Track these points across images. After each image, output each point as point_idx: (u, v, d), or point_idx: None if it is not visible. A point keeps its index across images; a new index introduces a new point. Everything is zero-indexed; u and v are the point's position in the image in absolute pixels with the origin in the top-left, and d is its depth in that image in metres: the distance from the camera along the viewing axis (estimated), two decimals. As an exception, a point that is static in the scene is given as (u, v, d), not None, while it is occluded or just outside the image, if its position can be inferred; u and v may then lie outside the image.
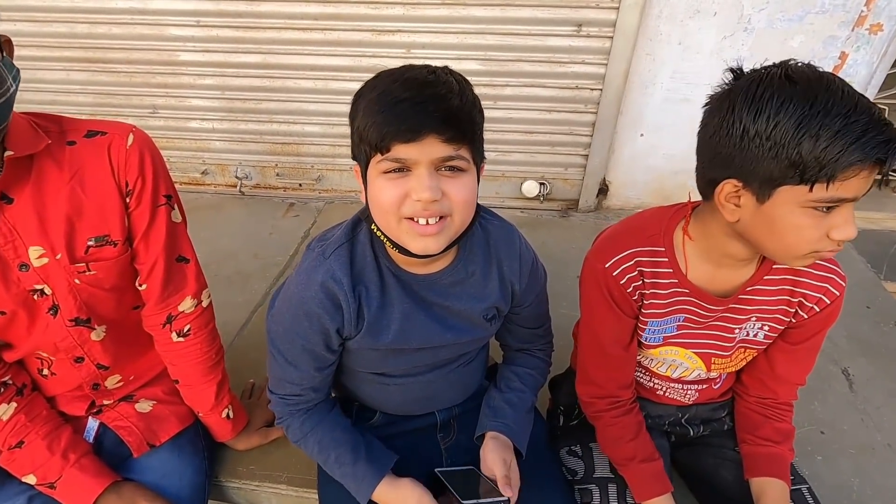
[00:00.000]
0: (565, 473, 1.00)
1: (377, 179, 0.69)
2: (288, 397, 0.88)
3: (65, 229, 0.81)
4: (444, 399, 0.99)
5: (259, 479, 1.12)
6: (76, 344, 0.91)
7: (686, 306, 0.86)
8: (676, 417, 1.03)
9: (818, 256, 0.70)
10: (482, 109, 0.72)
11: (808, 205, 0.64)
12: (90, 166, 0.82)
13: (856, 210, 1.61)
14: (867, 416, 1.30)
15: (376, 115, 0.66)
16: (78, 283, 0.86)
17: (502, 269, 0.86)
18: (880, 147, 0.59)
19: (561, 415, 1.11)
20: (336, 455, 0.86)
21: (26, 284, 0.83)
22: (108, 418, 0.99)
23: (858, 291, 1.73)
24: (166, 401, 1.04)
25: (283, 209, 2.20)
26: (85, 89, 2.11)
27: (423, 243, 0.70)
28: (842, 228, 0.65)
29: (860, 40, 1.68)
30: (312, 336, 0.80)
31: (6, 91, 0.69)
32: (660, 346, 0.91)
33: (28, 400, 0.91)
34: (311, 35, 1.89)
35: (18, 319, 0.85)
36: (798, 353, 0.91)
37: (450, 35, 1.82)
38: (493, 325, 0.91)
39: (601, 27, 1.75)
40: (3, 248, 0.79)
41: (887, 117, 0.62)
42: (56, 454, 0.89)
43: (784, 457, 0.93)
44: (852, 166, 0.60)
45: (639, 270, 0.84)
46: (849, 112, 0.60)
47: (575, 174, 2.10)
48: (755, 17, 1.67)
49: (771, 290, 0.84)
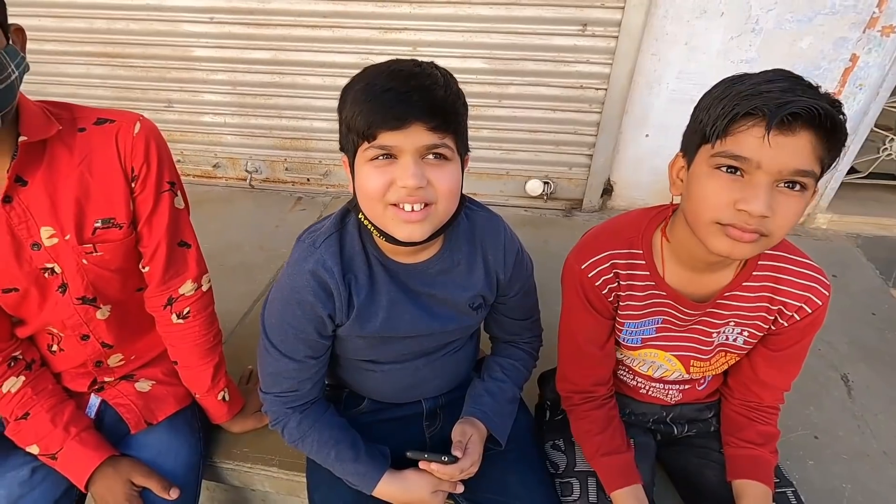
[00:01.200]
0: (549, 467, 1.01)
1: (364, 167, 0.71)
2: (283, 394, 0.88)
3: (74, 211, 0.85)
4: (431, 387, 1.01)
5: (252, 462, 1.16)
6: (82, 322, 0.95)
7: (664, 308, 0.87)
8: (661, 416, 1.03)
9: (723, 231, 0.68)
10: (466, 103, 0.74)
11: (713, 163, 0.68)
12: (98, 152, 0.86)
13: (866, 216, 1.59)
14: (864, 423, 1.28)
15: (363, 104, 0.67)
16: (85, 264, 0.89)
17: (487, 258, 0.88)
18: (764, 103, 0.63)
19: (547, 409, 1.12)
20: (336, 453, 0.88)
21: (38, 263, 0.86)
22: (108, 395, 1.03)
23: (865, 297, 1.70)
24: (165, 381, 1.08)
25: (291, 203, 2.24)
26: (104, 83, 2.19)
27: (407, 230, 0.71)
28: (747, 200, 0.65)
29: (872, 42, 1.65)
30: (305, 325, 0.82)
31: (6, 77, 0.71)
32: (639, 349, 0.92)
33: (36, 375, 0.96)
34: (320, 32, 1.93)
35: (31, 296, 0.90)
36: (781, 360, 0.90)
37: (455, 33, 1.84)
38: (479, 314, 0.93)
39: (606, 27, 1.75)
40: (17, 227, 0.83)
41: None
42: (58, 427, 0.93)
43: (766, 460, 0.92)
44: (738, 121, 0.65)
45: (614, 273, 0.85)
46: (756, 81, 0.66)
47: (579, 173, 2.11)
48: (763, 17, 1.65)
49: (750, 296, 0.84)
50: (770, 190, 0.65)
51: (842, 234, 2.03)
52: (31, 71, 0.78)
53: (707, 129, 0.68)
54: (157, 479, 0.96)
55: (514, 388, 0.99)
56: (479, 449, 0.88)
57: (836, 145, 0.65)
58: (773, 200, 0.65)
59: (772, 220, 0.66)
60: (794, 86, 0.64)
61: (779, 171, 0.65)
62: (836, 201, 2.03)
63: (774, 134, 0.63)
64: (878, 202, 2.10)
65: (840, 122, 0.64)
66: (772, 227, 0.67)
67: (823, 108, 0.61)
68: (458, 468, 0.84)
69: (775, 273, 0.83)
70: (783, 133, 0.63)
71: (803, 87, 0.64)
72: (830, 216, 2.03)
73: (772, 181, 0.65)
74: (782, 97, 0.62)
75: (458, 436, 0.88)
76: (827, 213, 2.03)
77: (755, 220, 0.66)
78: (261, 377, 0.91)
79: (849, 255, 1.93)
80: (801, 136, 0.63)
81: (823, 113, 0.61)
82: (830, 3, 1.60)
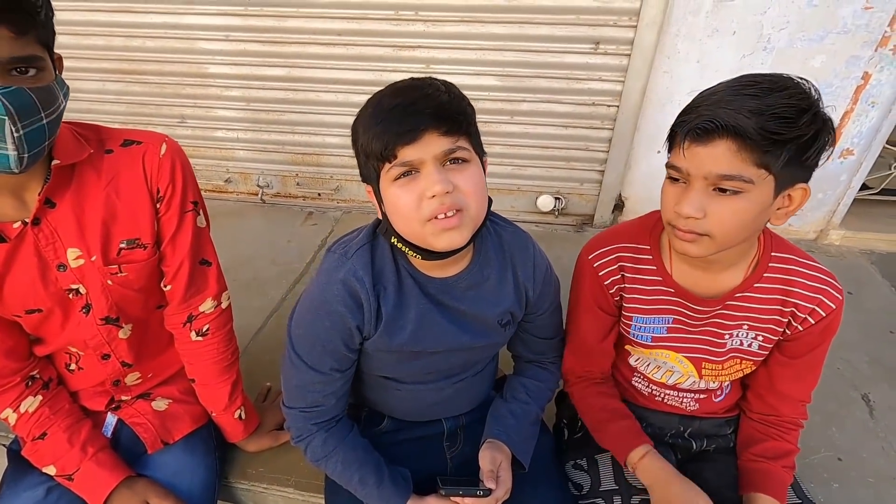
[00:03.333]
0: (571, 489, 0.99)
1: (390, 189, 0.72)
2: (308, 409, 0.86)
3: (100, 232, 0.86)
4: (453, 407, 1.00)
5: (267, 482, 1.14)
6: (105, 341, 0.95)
7: (673, 307, 0.88)
8: (678, 430, 1.02)
9: (672, 231, 0.77)
10: (472, 104, 0.75)
11: (667, 174, 0.77)
12: (125, 173, 0.87)
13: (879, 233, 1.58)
14: (888, 445, 1.26)
15: (374, 127, 0.69)
16: (110, 284, 0.89)
17: (517, 273, 0.88)
18: (688, 119, 0.71)
19: (565, 428, 1.11)
20: (360, 476, 0.86)
21: (63, 284, 0.87)
22: (125, 414, 1.02)
23: (882, 316, 1.68)
24: (181, 400, 1.07)
25: (302, 218, 2.25)
26: (119, 99, 2.21)
27: (447, 238, 0.71)
28: (680, 203, 0.73)
29: (884, 61, 1.66)
30: (333, 336, 0.81)
31: (57, 108, 0.73)
32: (651, 348, 0.92)
33: (53, 394, 0.96)
34: (335, 50, 1.95)
35: (54, 317, 0.89)
36: (798, 368, 0.90)
37: (469, 51, 1.86)
38: (507, 332, 0.92)
39: (619, 45, 1.77)
40: (44, 249, 0.83)
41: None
42: (75, 447, 0.92)
43: (777, 474, 0.90)
44: (676, 135, 0.74)
45: (619, 265, 0.90)
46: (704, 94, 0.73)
47: (590, 189, 2.11)
48: (775, 36, 1.67)
49: (762, 297, 0.85)
50: (701, 194, 0.72)
51: (855, 251, 2.02)
52: None
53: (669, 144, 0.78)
54: (174, 500, 0.94)
55: (537, 410, 0.98)
56: (510, 474, 0.87)
57: (769, 148, 0.67)
58: (706, 204, 0.72)
59: (706, 221, 0.72)
60: (734, 95, 0.69)
61: (704, 178, 0.71)
62: (848, 218, 2.02)
63: (689, 145, 0.71)
64: (892, 219, 2.09)
65: (756, 131, 0.66)
66: (707, 227, 0.73)
67: (732, 122, 0.67)
68: (494, 500, 0.82)
69: (786, 275, 0.84)
70: (699, 143, 0.70)
71: (743, 98, 0.68)
72: (843, 233, 2.03)
73: (704, 187, 0.72)
74: (708, 111, 0.69)
75: (489, 464, 0.86)
76: (840, 230, 2.02)
77: (687, 222, 0.73)
78: (284, 391, 0.89)
79: (863, 272, 1.91)
80: (718, 144, 0.69)
81: (734, 126, 0.67)
82: (842, 22, 1.62)
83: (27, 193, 0.81)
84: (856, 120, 1.78)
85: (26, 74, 0.67)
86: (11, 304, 0.85)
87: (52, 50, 0.73)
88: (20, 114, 0.66)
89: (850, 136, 1.81)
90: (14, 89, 0.65)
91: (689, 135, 0.70)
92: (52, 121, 0.72)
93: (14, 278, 0.83)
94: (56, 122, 0.73)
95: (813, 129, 0.68)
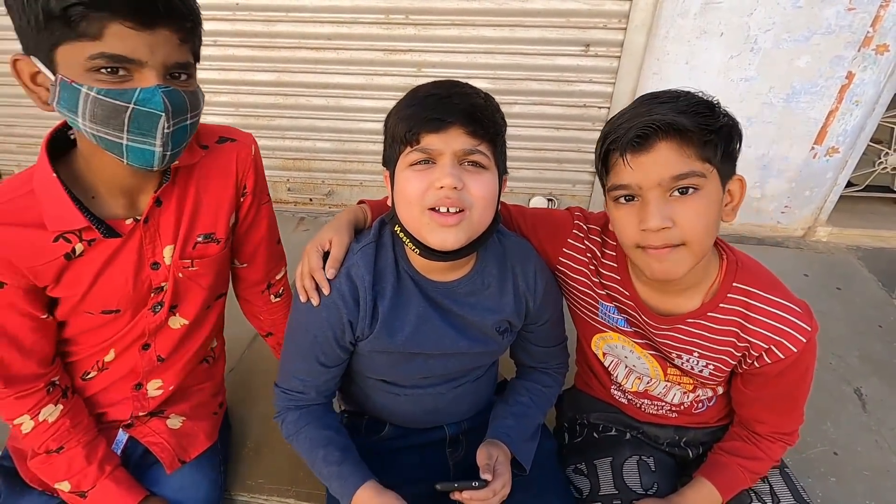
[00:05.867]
0: (573, 492, 0.99)
1: (404, 172, 0.73)
2: (291, 392, 0.89)
3: (187, 227, 0.87)
4: (453, 413, 1.00)
5: (267, 493, 1.13)
6: (155, 329, 0.93)
7: (628, 309, 0.88)
8: (674, 439, 1.02)
9: (645, 253, 0.74)
10: (505, 119, 0.76)
11: (612, 196, 0.76)
12: (216, 170, 0.89)
13: (864, 228, 1.60)
14: (881, 438, 1.29)
15: (406, 109, 0.72)
16: (181, 277, 0.90)
17: (517, 282, 0.88)
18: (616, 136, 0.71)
19: (565, 432, 1.11)
20: (325, 453, 0.85)
21: (155, 282, 0.88)
22: (139, 433, 0.99)
23: (870, 310, 1.72)
24: (192, 416, 1.05)
25: (294, 223, 2.23)
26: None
27: (441, 235, 0.71)
28: (644, 219, 0.71)
29: (867, 60, 1.70)
30: (326, 329, 0.81)
31: (199, 111, 0.76)
32: (627, 335, 0.91)
33: (72, 404, 0.91)
34: (324, 54, 1.94)
35: (121, 319, 0.89)
36: (766, 401, 0.87)
37: (460, 55, 1.87)
38: (506, 340, 0.92)
39: (609, 47, 1.78)
40: (146, 247, 0.84)
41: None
42: (93, 464, 0.89)
43: (729, 468, 0.90)
44: (609, 157, 0.74)
45: (589, 245, 0.92)
46: (616, 116, 0.75)
47: (583, 191, 2.12)
48: (761, 37, 1.69)
49: (714, 327, 0.82)
50: (661, 203, 0.70)
51: (842, 247, 2.06)
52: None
53: (598, 169, 0.78)
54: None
55: (538, 413, 0.98)
56: (508, 470, 0.86)
57: (704, 140, 0.69)
58: (670, 211, 0.70)
59: (678, 229, 0.70)
60: (645, 108, 0.71)
61: (658, 185, 0.70)
62: (835, 214, 2.06)
63: (632, 157, 0.70)
64: (876, 215, 2.13)
65: (687, 122, 0.67)
66: (681, 234, 0.71)
67: (661, 122, 0.68)
68: (491, 491, 0.82)
69: (744, 308, 0.80)
70: (641, 153, 0.70)
71: (655, 105, 0.70)
72: (830, 229, 2.06)
73: (660, 195, 0.70)
74: (628, 124, 0.70)
75: (485, 458, 0.86)
76: (827, 227, 2.06)
77: (659, 235, 0.71)
78: (279, 369, 0.92)
79: (851, 267, 1.95)
80: (660, 147, 0.69)
81: (663, 125, 0.68)
82: (826, 23, 1.65)
83: (140, 194, 0.82)
84: (840, 119, 1.81)
85: (179, 79, 0.71)
86: (94, 301, 0.84)
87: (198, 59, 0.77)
88: (174, 112, 0.69)
89: (835, 135, 1.85)
90: (173, 89, 0.68)
91: (629, 147, 0.70)
92: (193, 123, 0.75)
93: (110, 275, 0.83)
94: (195, 124, 0.76)
95: (728, 119, 0.71)
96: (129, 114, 0.66)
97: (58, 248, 0.77)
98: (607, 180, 0.76)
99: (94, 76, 0.64)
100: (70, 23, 0.60)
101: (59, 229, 0.75)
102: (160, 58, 0.66)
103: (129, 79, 0.65)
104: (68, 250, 0.77)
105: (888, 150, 2.04)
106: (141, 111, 0.66)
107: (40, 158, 0.75)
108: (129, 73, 0.65)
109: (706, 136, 0.68)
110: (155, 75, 0.66)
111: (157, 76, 0.66)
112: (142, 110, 0.66)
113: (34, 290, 0.79)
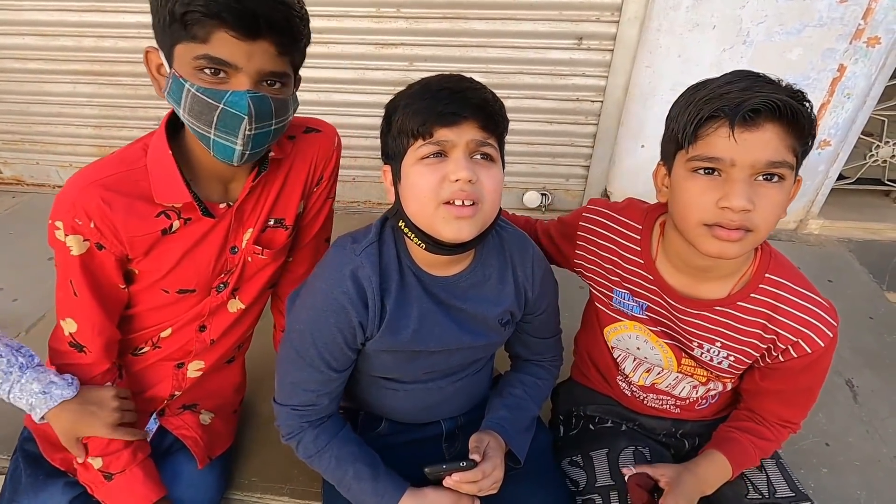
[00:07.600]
0: (569, 485, 0.99)
1: (414, 167, 0.72)
2: (300, 407, 0.85)
3: (266, 214, 0.91)
4: (451, 407, 0.99)
5: (261, 492, 1.12)
6: (215, 309, 0.95)
7: (649, 294, 0.87)
8: (671, 431, 1.03)
9: (710, 232, 0.71)
10: (507, 117, 0.76)
11: (690, 167, 0.72)
12: (301, 159, 0.93)
13: (856, 221, 1.60)
14: (873, 429, 1.30)
15: (418, 102, 0.71)
16: (249, 261, 0.93)
17: (517, 273, 0.88)
18: (725, 104, 0.67)
19: (561, 424, 1.11)
20: (354, 470, 0.84)
21: (230, 265, 0.92)
22: (172, 425, 1.00)
23: (862, 302, 1.73)
24: (219, 413, 1.08)
25: (286, 220, 2.21)
26: (91, 101, 2.13)
27: (456, 227, 0.71)
28: (728, 196, 0.68)
29: (858, 53, 1.70)
30: (336, 333, 0.80)
31: (286, 119, 0.80)
32: (642, 321, 0.90)
33: (123, 385, 0.93)
34: (314, 48, 1.86)
35: (191, 299, 0.92)
36: (781, 396, 0.87)
37: (452, 48, 1.85)
38: (507, 331, 0.92)
39: (602, 40, 1.78)
40: (233, 231, 0.88)
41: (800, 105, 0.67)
42: (129, 447, 0.90)
43: (741, 443, 0.90)
44: (704, 125, 0.69)
45: (602, 232, 0.91)
46: (716, 84, 0.70)
47: (576, 185, 2.12)
48: (754, 30, 1.69)
49: (743, 317, 0.82)
50: (748, 184, 0.68)
51: (834, 240, 2.07)
52: (13, 90, 0.78)
53: (679, 136, 0.72)
54: None
55: (532, 405, 0.98)
56: (499, 455, 0.86)
57: (803, 132, 0.68)
58: (753, 194, 0.68)
59: (755, 214, 0.68)
60: (752, 84, 0.68)
61: (752, 166, 0.68)
62: (826, 207, 2.07)
63: (739, 131, 0.67)
64: (868, 207, 2.15)
65: (801, 109, 0.66)
66: (756, 220, 0.69)
67: (781, 101, 0.65)
68: (480, 472, 0.81)
69: (775, 300, 0.80)
70: (748, 129, 0.67)
71: (762, 84, 0.68)
72: (822, 222, 2.07)
73: (748, 176, 0.68)
74: (741, 96, 0.66)
75: (475, 442, 0.86)
76: (819, 219, 2.07)
77: (738, 216, 0.68)
78: (278, 386, 0.88)
79: (842, 260, 1.96)
80: (766, 129, 0.67)
81: (782, 105, 0.65)
82: (818, 15, 1.65)
83: (233, 182, 0.87)
84: (832, 112, 1.82)
85: (273, 87, 0.75)
86: (175, 279, 0.88)
87: (297, 70, 0.81)
88: (257, 117, 0.73)
89: (826, 128, 1.85)
90: (260, 95, 0.72)
91: (741, 120, 0.66)
92: (278, 129, 0.78)
93: (195, 255, 0.87)
94: (281, 130, 0.80)
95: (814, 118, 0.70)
96: (218, 112, 0.72)
97: (158, 222, 0.82)
98: (691, 148, 0.71)
99: (198, 75, 0.71)
100: (186, 25, 0.67)
101: (166, 202, 0.81)
102: (255, 65, 0.71)
103: (225, 81, 0.71)
104: (166, 226, 0.83)
105: (879, 142, 2.05)
106: (228, 111, 0.72)
107: (158, 136, 0.82)
108: (227, 75, 0.71)
109: (809, 129, 0.67)
110: (248, 80, 0.71)
111: (250, 82, 0.71)
112: (229, 111, 0.72)
113: (124, 259, 0.84)
